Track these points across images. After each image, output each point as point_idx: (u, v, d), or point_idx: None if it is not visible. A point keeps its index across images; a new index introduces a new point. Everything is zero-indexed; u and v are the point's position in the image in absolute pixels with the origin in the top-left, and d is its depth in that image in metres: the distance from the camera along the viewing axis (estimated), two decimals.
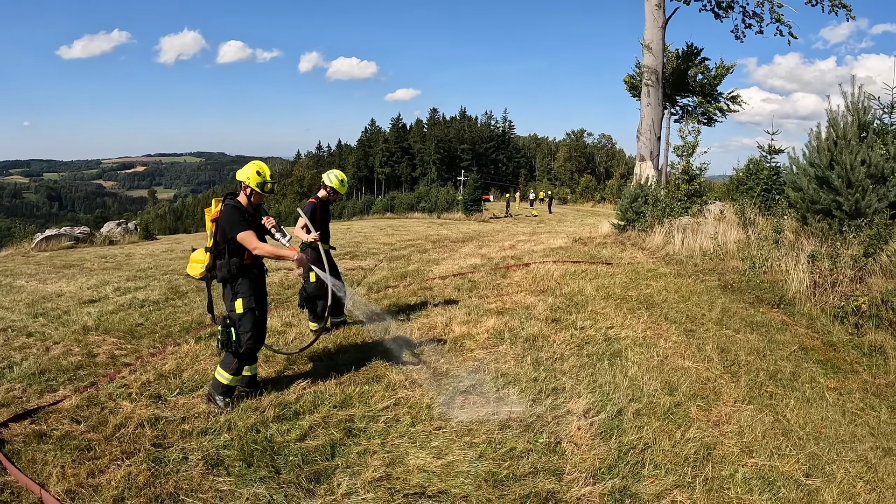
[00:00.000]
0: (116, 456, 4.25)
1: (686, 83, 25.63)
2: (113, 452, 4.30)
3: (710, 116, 26.31)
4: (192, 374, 5.95)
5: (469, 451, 4.28)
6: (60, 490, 3.78)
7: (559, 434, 4.57)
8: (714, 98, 26.37)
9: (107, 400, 5.33)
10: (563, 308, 8.38)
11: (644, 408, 5.04)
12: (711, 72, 25.91)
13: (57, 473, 3.97)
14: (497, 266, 12.45)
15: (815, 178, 10.91)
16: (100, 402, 5.29)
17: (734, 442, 4.46)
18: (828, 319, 7.50)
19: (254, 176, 5.20)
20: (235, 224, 5.03)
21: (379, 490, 3.79)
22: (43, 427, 4.73)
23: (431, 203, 49.09)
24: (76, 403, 5.21)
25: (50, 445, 4.42)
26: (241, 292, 5.14)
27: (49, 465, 4.11)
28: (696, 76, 25.51)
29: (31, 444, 4.45)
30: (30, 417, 4.91)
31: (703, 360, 6.22)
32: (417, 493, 3.78)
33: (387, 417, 4.89)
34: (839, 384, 5.65)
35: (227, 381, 5.13)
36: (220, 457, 4.22)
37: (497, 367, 6.07)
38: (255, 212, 5.34)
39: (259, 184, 5.21)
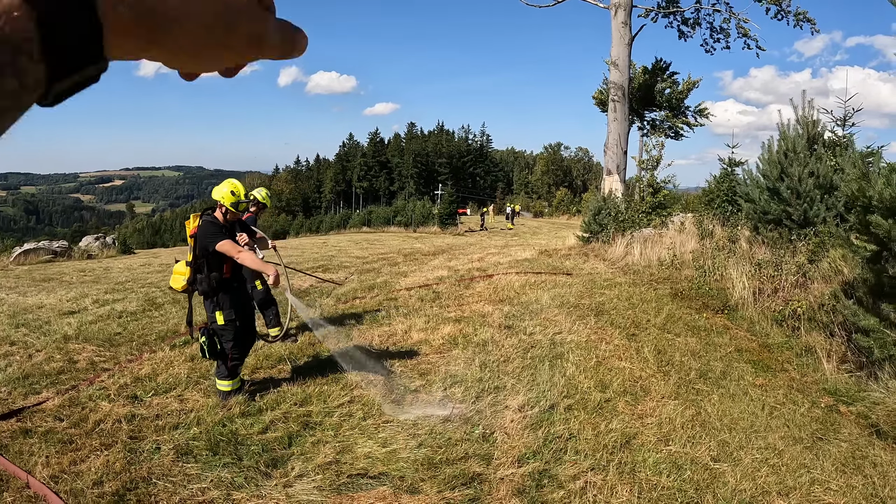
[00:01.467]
0: (96, 447, 4.65)
1: (653, 98, 26.09)
2: (93, 444, 4.70)
3: (677, 131, 26.78)
4: (167, 377, 6.31)
5: (411, 441, 4.69)
6: (45, 476, 4.18)
7: (494, 426, 4.96)
8: (681, 112, 26.84)
9: (87, 401, 5.68)
10: (517, 316, 8.68)
11: (576, 403, 5.37)
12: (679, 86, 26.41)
13: (42, 462, 4.37)
14: (462, 278, 12.69)
15: (766, 190, 11.31)
16: (80, 402, 5.65)
17: (653, 432, 4.80)
18: (767, 323, 7.87)
19: (228, 195, 5.51)
20: (213, 236, 5.28)
21: (327, 472, 4.26)
22: (28, 424, 5.11)
23: (408, 217, 49.29)
24: (59, 404, 5.59)
25: (35, 440, 4.80)
26: (222, 305, 5.44)
27: (35, 455, 4.49)
28: (663, 91, 25.97)
29: (17, 438, 4.84)
30: (15, 416, 5.28)
31: (639, 360, 6.55)
32: (360, 475, 4.24)
33: (341, 413, 5.30)
34: (766, 382, 5.99)
35: (228, 388, 5.53)
36: (189, 447, 4.63)
37: (447, 369, 6.43)
38: (232, 228, 5.63)
39: (233, 203, 5.53)
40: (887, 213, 5.27)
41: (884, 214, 5.30)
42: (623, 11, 20.67)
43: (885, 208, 5.27)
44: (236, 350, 5.52)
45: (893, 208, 5.19)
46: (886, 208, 5.25)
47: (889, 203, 5.18)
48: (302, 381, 6.04)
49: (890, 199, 5.14)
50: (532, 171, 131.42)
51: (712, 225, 13.51)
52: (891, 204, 5.18)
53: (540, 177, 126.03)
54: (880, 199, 5.25)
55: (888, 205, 5.21)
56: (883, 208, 5.30)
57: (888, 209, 5.24)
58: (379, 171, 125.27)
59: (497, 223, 51.41)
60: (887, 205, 5.22)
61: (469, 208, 74.02)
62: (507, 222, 49.10)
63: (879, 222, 5.25)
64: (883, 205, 5.27)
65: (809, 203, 10.49)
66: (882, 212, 5.32)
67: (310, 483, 4.13)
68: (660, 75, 26.41)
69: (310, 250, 23.85)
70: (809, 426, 4.95)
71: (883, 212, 5.31)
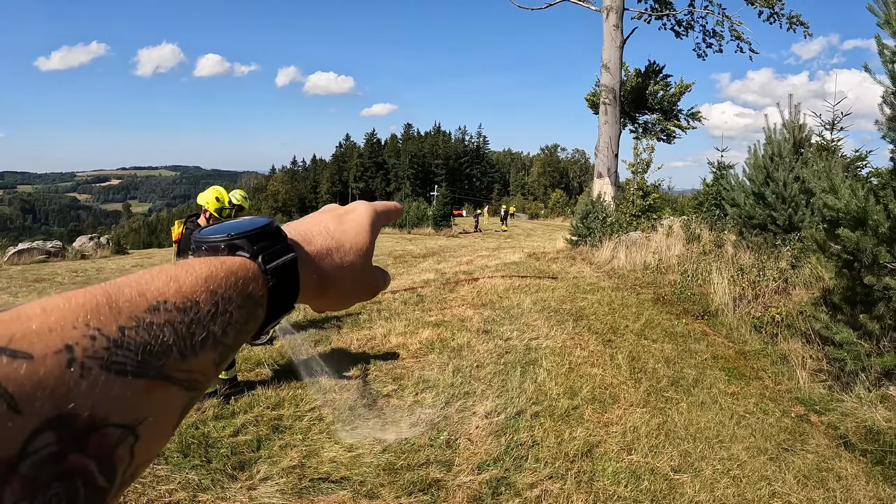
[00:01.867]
0: None
1: (645, 101, 26.11)
2: None
3: (670, 133, 26.80)
4: None
5: (377, 446, 4.71)
6: None
7: (459, 432, 4.95)
8: (674, 115, 26.86)
9: None
10: (496, 320, 8.67)
11: (543, 410, 5.35)
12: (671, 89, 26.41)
13: None
14: (448, 281, 12.67)
15: (752, 194, 11.28)
16: None
17: (617, 441, 4.77)
18: (746, 330, 7.84)
19: (213, 201, 5.69)
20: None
21: (291, 476, 4.29)
22: None
23: (402, 218, 49.15)
24: None
25: None
26: None
27: None
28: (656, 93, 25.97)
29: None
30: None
31: (612, 367, 6.52)
32: (322, 479, 4.27)
33: (311, 417, 5.32)
34: (739, 390, 5.96)
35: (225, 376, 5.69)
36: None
37: (421, 373, 6.44)
38: None
39: (217, 209, 5.69)
40: (854, 224, 5.24)
41: (851, 226, 5.27)
42: (615, 14, 20.68)
43: (851, 219, 5.25)
44: None
45: (860, 219, 5.16)
46: (853, 219, 5.22)
47: (856, 214, 5.16)
48: (277, 385, 6.06)
49: (857, 210, 5.12)
50: (529, 173, 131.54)
51: (699, 229, 13.49)
52: (857, 215, 5.15)
53: (536, 178, 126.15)
54: (847, 210, 5.22)
55: (854, 216, 5.18)
56: (849, 220, 5.27)
57: (855, 220, 5.21)
58: (375, 172, 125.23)
59: (491, 225, 51.36)
60: (854, 216, 5.19)
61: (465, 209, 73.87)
62: (501, 224, 49.03)
63: (847, 235, 5.23)
64: (849, 216, 5.24)
65: (794, 208, 10.47)
66: (849, 223, 5.30)
67: (273, 486, 4.16)
68: (653, 78, 26.40)
69: None
70: (777, 436, 4.92)
71: (850, 223, 5.29)
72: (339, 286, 0.68)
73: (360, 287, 0.71)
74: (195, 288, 0.48)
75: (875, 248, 5.14)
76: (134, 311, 0.43)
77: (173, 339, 0.44)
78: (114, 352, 0.40)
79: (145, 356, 0.42)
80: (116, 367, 0.40)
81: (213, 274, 0.51)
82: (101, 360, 0.39)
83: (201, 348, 0.47)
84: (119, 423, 0.40)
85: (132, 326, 0.42)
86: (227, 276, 0.52)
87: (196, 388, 0.48)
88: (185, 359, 0.45)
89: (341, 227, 0.70)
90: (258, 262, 0.56)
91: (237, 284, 0.52)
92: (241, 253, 0.57)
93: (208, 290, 0.49)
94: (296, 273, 0.60)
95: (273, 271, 0.57)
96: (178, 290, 0.47)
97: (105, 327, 0.40)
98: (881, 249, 5.13)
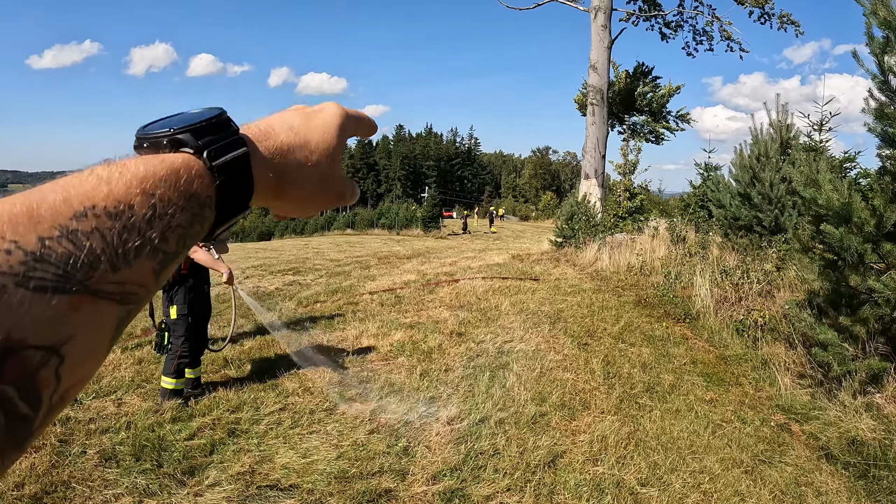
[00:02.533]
0: None
1: (634, 102, 25.92)
2: None
3: (658, 135, 26.62)
4: (111, 380, 6.13)
5: (332, 452, 4.52)
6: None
7: (418, 439, 4.72)
8: (663, 117, 26.68)
9: None
10: (472, 322, 8.45)
11: (509, 417, 5.10)
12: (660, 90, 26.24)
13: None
14: (429, 282, 12.49)
15: (738, 195, 11.06)
16: None
17: (583, 450, 4.49)
18: (728, 333, 7.58)
19: None
20: None
21: (240, 482, 4.12)
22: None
23: (391, 220, 49.02)
24: None
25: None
26: (176, 300, 5.56)
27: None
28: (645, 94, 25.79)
29: None
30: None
31: (585, 372, 6.26)
32: (271, 486, 4.10)
33: (270, 421, 5.15)
34: (717, 396, 5.68)
35: (171, 386, 5.49)
36: (114, 452, 4.54)
37: (388, 377, 6.22)
38: None
39: None
40: (838, 220, 4.95)
41: (834, 223, 4.99)
42: (603, 14, 20.46)
43: (835, 216, 4.96)
44: (186, 347, 5.56)
45: (844, 216, 4.87)
46: (836, 216, 4.93)
47: (839, 210, 4.86)
48: (239, 387, 5.89)
49: (839, 206, 4.83)
50: (520, 175, 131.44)
51: (685, 231, 13.25)
52: (840, 211, 4.86)
53: (528, 180, 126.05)
54: (828, 206, 4.93)
55: (838, 212, 4.89)
56: (833, 216, 4.98)
57: (838, 216, 4.92)
58: (367, 173, 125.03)
59: (480, 227, 51.27)
60: (837, 212, 4.89)
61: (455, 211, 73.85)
62: (491, 226, 48.90)
63: (831, 231, 4.93)
64: (832, 212, 4.95)
65: (781, 209, 10.25)
66: (832, 220, 5.01)
67: (220, 493, 3.99)
68: (642, 80, 26.24)
69: (288, 252, 23.84)
70: (754, 447, 4.62)
71: (833, 220, 5.00)
72: (302, 186, 0.64)
73: (324, 190, 0.67)
74: (129, 190, 0.45)
75: (860, 247, 4.87)
76: (57, 219, 0.40)
77: (102, 248, 0.41)
78: (32, 266, 0.38)
79: (68, 269, 0.39)
80: (35, 283, 0.37)
81: (150, 173, 0.47)
82: (16, 276, 0.37)
83: (136, 257, 0.44)
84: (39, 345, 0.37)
85: (54, 237, 0.39)
86: (167, 175, 0.48)
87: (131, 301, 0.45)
88: (116, 270, 0.42)
89: (308, 125, 0.65)
90: (203, 158, 0.52)
91: (179, 184, 0.49)
92: (185, 149, 0.53)
93: (144, 191, 0.46)
94: (248, 170, 0.56)
95: (221, 168, 0.53)
96: (109, 193, 0.44)
97: (22, 239, 0.38)
98: (867, 248, 4.86)
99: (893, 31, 5.03)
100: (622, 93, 25.57)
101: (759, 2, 21.37)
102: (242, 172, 0.55)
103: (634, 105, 26.09)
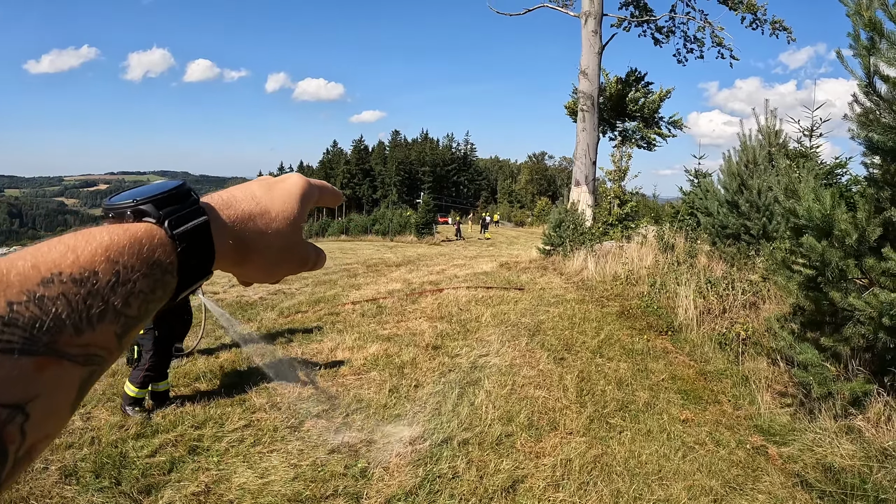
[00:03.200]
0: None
1: (625, 108, 25.74)
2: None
3: (650, 141, 26.42)
4: None
5: (290, 472, 4.41)
6: None
7: (378, 460, 4.59)
8: (655, 123, 26.49)
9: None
10: (450, 335, 8.28)
11: (473, 437, 4.92)
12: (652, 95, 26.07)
13: None
14: (413, 291, 12.32)
15: (725, 203, 10.84)
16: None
17: (545, 475, 4.28)
18: (711, 347, 7.34)
19: None
20: None
21: (193, 502, 4.05)
22: None
23: (385, 225, 48.88)
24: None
25: None
26: None
27: None
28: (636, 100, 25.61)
29: None
30: None
31: (558, 388, 6.03)
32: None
33: (232, 438, 5.03)
34: (693, 416, 5.44)
35: (133, 394, 5.48)
36: (76, 468, 4.49)
37: (357, 392, 6.09)
38: None
39: None
40: (820, 233, 4.70)
41: (816, 236, 4.74)
42: (593, 20, 20.31)
43: (816, 228, 4.70)
44: (154, 360, 5.57)
45: (825, 228, 4.62)
46: (817, 228, 4.68)
47: (820, 222, 4.61)
48: (207, 402, 5.81)
49: (820, 217, 4.58)
50: (516, 180, 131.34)
51: (674, 238, 13.02)
52: (822, 223, 4.61)
53: (524, 186, 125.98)
54: (809, 217, 4.68)
55: (818, 224, 4.63)
56: (814, 228, 4.73)
57: (819, 229, 4.67)
58: (362, 178, 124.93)
59: (475, 232, 51.11)
60: (817, 224, 4.64)
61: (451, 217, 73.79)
62: (485, 232, 48.73)
63: (812, 244, 4.69)
64: (813, 224, 4.69)
65: (769, 217, 10.03)
66: (813, 233, 4.76)
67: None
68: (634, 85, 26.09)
69: None
70: (727, 472, 4.38)
71: (814, 233, 4.75)
72: (263, 254, 0.64)
73: (287, 257, 0.67)
74: (94, 257, 0.46)
75: (842, 262, 4.62)
76: (25, 284, 0.42)
77: (67, 313, 0.43)
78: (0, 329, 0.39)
79: (35, 332, 0.41)
80: (2, 345, 0.39)
81: (114, 242, 0.49)
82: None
83: (99, 321, 0.46)
84: (6, 403, 0.39)
85: (22, 301, 0.41)
86: (130, 244, 0.50)
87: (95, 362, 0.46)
88: (80, 333, 0.44)
89: (269, 194, 0.67)
90: (164, 226, 0.54)
91: (142, 252, 0.50)
92: (148, 219, 0.54)
93: (108, 258, 0.47)
94: (208, 237, 0.57)
95: (181, 236, 0.54)
96: (76, 260, 0.45)
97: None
98: (849, 263, 4.61)
99: (879, 33, 4.79)
100: (614, 99, 25.38)
101: (752, 7, 21.24)
102: (203, 239, 0.56)
103: (626, 111, 25.90)
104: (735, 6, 21.59)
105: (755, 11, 21.41)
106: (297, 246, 0.68)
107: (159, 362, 5.65)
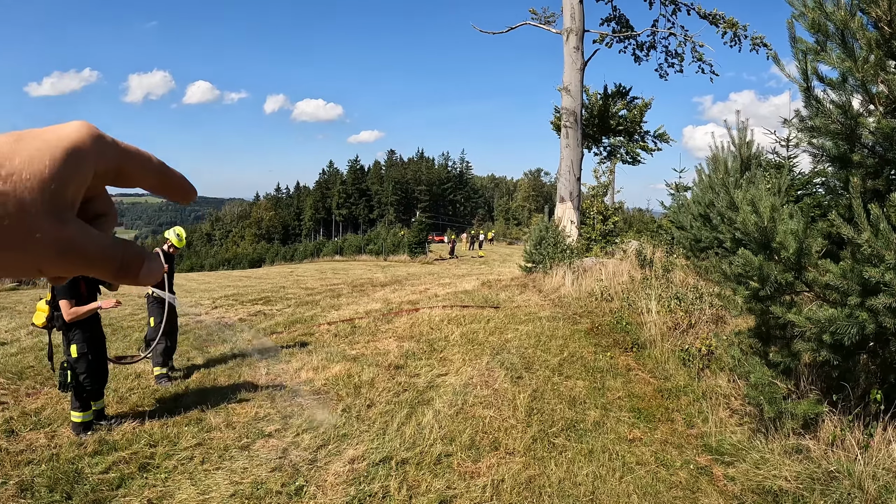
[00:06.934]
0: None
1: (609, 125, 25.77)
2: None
3: (634, 156, 26.43)
4: (51, 412, 6.24)
5: (230, 490, 4.46)
6: None
7: (315, 479, 4.63)
8: (640, 136, 26.51)
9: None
10: (415, 354, 8.26)
11: (413, 457, 4.90)
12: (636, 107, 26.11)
13: None
14: (390, 311, 12.30)
15: (699, 216, 10.77)
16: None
17: (475, 496, 4.22)
18: (674, 363, 7.24)
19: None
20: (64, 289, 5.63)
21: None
22: None
23: (379, 245, 48.92)
24: None
25: None
26: (75, 339, 5.71)
27: None
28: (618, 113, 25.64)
29: None
30: None
31: (508, 408, 5.95)
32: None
33: (182, 456, 5.12)
34: (642, 434, 5.34)
35: (80, 420, 5.61)
36: (32, 483, 4.61)
37: (311, 412, 6.09)
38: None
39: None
40: (758, 246, 4.60)
41: (753, 249, 4.63)
42: (575, 36, 20.33)
43: (753, 241, 4.60)
44: (89, 381, 5.68)
45: (761, 241, 4.52)
46: (755, 241, 4.58)
47: (756, 235, 4.51)
48: (166, 420, 5.91)
49: (756, 230, 4.48)
50: (513, 198, 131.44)
51: (652, 253, 12.94)
52: (758, 235, 4.50)
53: (521, 203, 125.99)
54: (745, 230, 4.58)
55: (755, 237, 4.53)
56: (751, 241, 4.63)
57: (757, 242, 4.56)
58: (358, 198, 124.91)
59: (469, 251, 51.04)
60: (754, 236, 4.54)
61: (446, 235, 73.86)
62: (477, 250, 48.65)
63: (748, 258, 4.58)
64: (749, 236, 4.59)
65: None
66: (752, 246, 4.66)
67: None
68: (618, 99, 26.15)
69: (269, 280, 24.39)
70: (664, 495, 4.26)
71: (753, 245, 4.65)
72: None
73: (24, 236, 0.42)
74: None
75: (781, 276, 4.52)
76: None
77: None
78: None
79: None
80: None
81: None
82: None
83: None
84: None
85: None
86: None
87: None
88: None
89: (16, 145, 0.43)
90: None
91: None
92: None
93: None
94: None
95: None
96: None
97: None
98: (788, 277, 4.51)
99: (824, 34, 4.70)
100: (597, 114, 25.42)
101: (733, 25, 21.32)
102: None
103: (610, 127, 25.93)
104: (715, 21, 21.69)
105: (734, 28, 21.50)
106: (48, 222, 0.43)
107: (96, 381, 5.78)
